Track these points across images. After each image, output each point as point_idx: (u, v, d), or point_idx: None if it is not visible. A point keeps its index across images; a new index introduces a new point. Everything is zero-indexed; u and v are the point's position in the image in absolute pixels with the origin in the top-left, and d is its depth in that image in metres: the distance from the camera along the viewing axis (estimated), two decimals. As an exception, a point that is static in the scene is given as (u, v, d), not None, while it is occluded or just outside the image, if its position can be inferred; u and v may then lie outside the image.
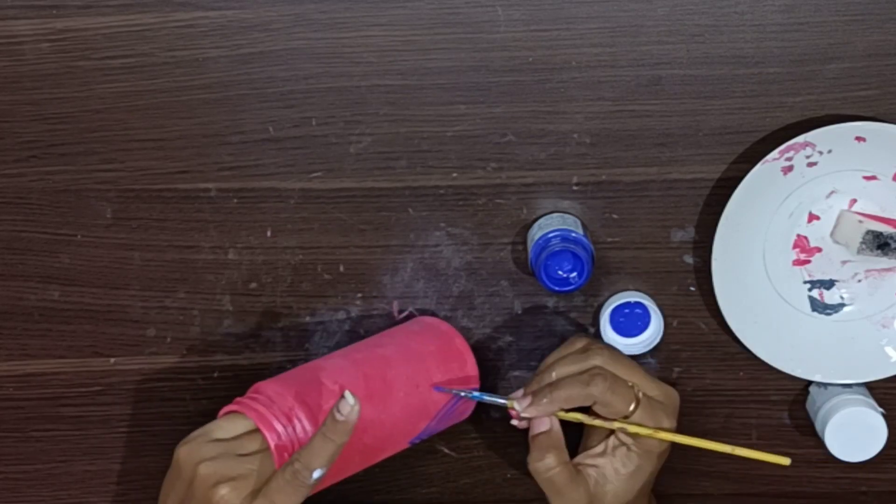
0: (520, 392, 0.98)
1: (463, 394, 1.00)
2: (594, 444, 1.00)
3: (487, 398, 1.00)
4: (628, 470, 0.98)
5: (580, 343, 1.01)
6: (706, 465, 1.12)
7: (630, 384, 0.97)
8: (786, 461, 0.96)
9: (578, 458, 1.01)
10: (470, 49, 1.01)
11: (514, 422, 0.99)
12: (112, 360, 1.09)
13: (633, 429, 0.96)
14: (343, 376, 0.96)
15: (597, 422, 0.97)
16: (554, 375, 0.98)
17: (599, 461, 0.99)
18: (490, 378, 1.09)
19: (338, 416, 0.88)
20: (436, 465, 1.12)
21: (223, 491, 0.90)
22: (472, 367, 1.02)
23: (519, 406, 0.97)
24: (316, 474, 0.89)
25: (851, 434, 1.04)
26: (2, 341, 1.09)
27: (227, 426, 0.94)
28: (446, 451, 1.12)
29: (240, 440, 0.93)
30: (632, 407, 0.96)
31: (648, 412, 0.97)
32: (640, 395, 0.97)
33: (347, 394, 0.88)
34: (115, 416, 1.11)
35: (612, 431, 0.99)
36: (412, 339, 1.01)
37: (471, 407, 1.03)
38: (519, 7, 1.00)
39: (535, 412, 0.96)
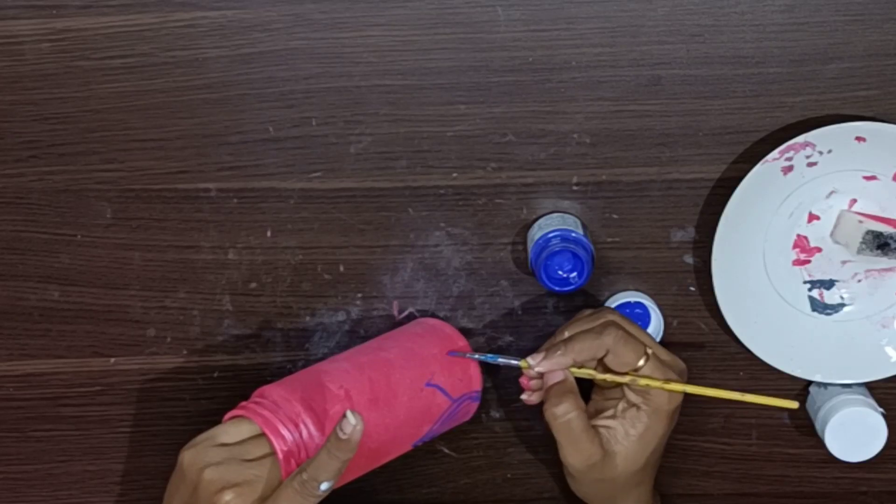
0: (533, 355, 0.98)
1: (477, 356, 1.01)
2: (604, 408, 1.00)
3: (502, 360, 1.00)
4: (638, 431, 0.98)
5: (589, 311, 1.02)
6: (706, 465, 1.12)
7: (640, 341, 0.98)
8: (794, 405, 0.97)
9: (596, 421, 1.00)
10: (470, 49, 1.01)
11: (525, 395, 0.99)
12: (112, 360, 1.09)
13: (643, 381, 0.97)
14: (348, 380, 0.96)
15: (608, 375, 0.97)
16: (566, 334, 0.98)
17: (610, 422, 0.99)
18: (490, 378, 1.09)
19: (341, 436, 0.88)
20: (436, 465, 1.12)
21: (228, 497, 0.90)
22: (474, 369, 1.02)
23: (533, 361, 0.97)
24: (324, 486, 0.89)
25: (851, 434, 1.04)
26: (2, 341, 1.09)
27: (232, 431, 0.93)
28: (446, 451, 1.12)
29: (245, 445, 0.92)
30: (642, 361, 0.97)
31: (658, 368, 0.97)
32: (650, 351, 0.97)
33: (349, 413, 0.88)
34: (115, 416, 1.11)
35: (622, 396, 0.99)
36: (415, 342, 1.01)
37: (473, 409, 1.03)
38: (519, 7, 1.00)
39: (549, 365, 0.97)
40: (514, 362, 0.99)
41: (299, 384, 0.96)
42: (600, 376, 0.98)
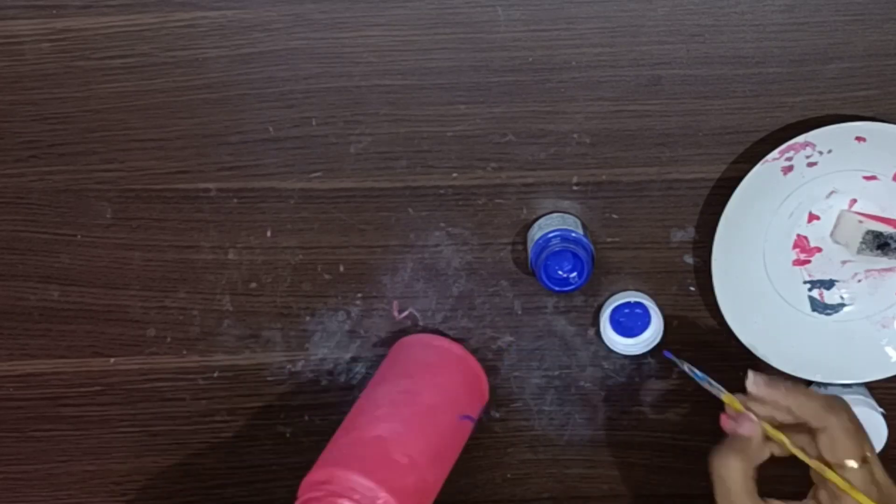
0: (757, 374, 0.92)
1: (686, 368, 0.98)
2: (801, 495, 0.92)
3: (708, 384, 0.95)
4: None
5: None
6: (706, 464, 1.12)
7: (864, 442, 0.90)
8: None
9: (770, 499, 0.92)
10: (470, 49, 1.01)
11: (724, 423, 0.93)
12: (112, 360, 1.09)
13: (840, 481, 0.88)
14: (408, 444, 0.96)
15: (800, 453, 0.90)
16: (783, 387, 0.92)
17: None
18: (490, 378, 1.09)
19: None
20: (436, 465, 1.12)
21: None
22: (484, 384, 1.03)
23: (752, 379, 0.92)
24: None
25: (851, 434, 1.04)
26: (2, 341, 1.09)
27: None
28: (446, 451, 1.12)
29: None
30: (854, 463, 0.88)
31: (869, 481, 0.88)
32: (869, 455, 0.89)
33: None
34: (115, 416, 1.11)
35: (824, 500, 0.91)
36: (440, 375, 1.02)
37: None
38: (519, 7, 1.00)
39: (765, 392, 0.91)
40: (719, 390, 0.94)
41: (367, 459, 0.94)
42: (791, 448, 0.90)
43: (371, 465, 0.94)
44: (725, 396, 0.94)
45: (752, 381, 0.92)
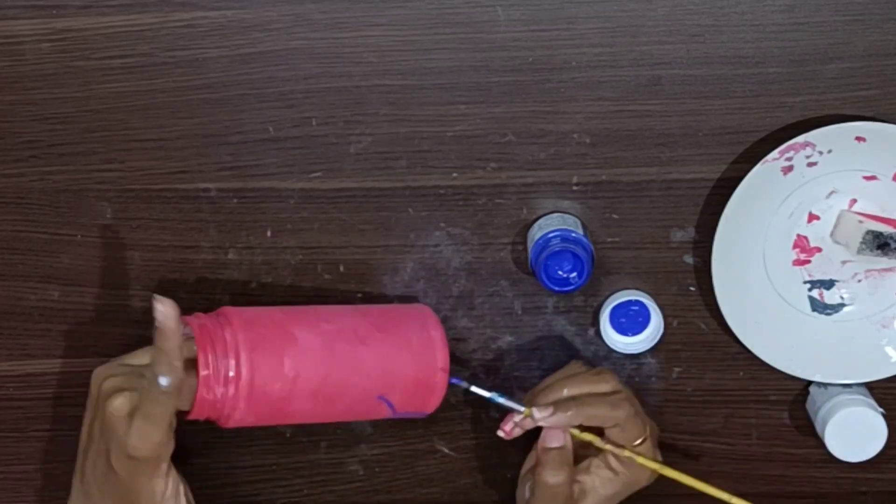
0: (541, 407, 0.97)
1: (473, 388, 0.99)
2: (577, 457, 1.00)
3: (503, 401, 0.98)
4: (607, 492, 1.00)
5: (582, 367, 1.02)
6: (706, 465, 1.12)
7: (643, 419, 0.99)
8: None
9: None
10: (470, 49, 1.01)
11: (502, 433, 0.99)
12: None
13: (641, 460, 0.98)
14: (306, 364, 0.93)
15: (608, 447, 0.98)
16: (566, 392, 0.98)
17: (583, 477, 1.00)
18: (490, 378, 1.09)
19: (157, 324, 0.88)
20: (436, 465, 1.12)
21: (117, 401, 0.90)
22: (436, 398, 0.98)
23: (539, 414, 0.96)
24: (163, 381, 0.88)
25: (851, 434, 1.04)
26: (2, 341, 1.09)
27: (141, 356, 0.94)
28: (446, 451, 1.12)
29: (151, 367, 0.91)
30: (641, 439, 0.98)
31: (651, 448, 1.00)
32: (649, 430, 0.99)
33: (154, 301, 0.88)
34: (115, 416, 1.11)
35: (597, 453, 1.00)
36: (399, 354, 0.97)
37: (418, 416, 1.01)
38: (519, 7, 1.00)
39: (556, 422, 0.96)
40: (517, 408, 0.98)
41: (265, 340, 0.93)
42: (604, 447, 0.98)
43: (262, 340, 0.93)
44: (526, 411, 0.97)
45: (539, 416, 0.96)
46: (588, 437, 0.98)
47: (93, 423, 0.94)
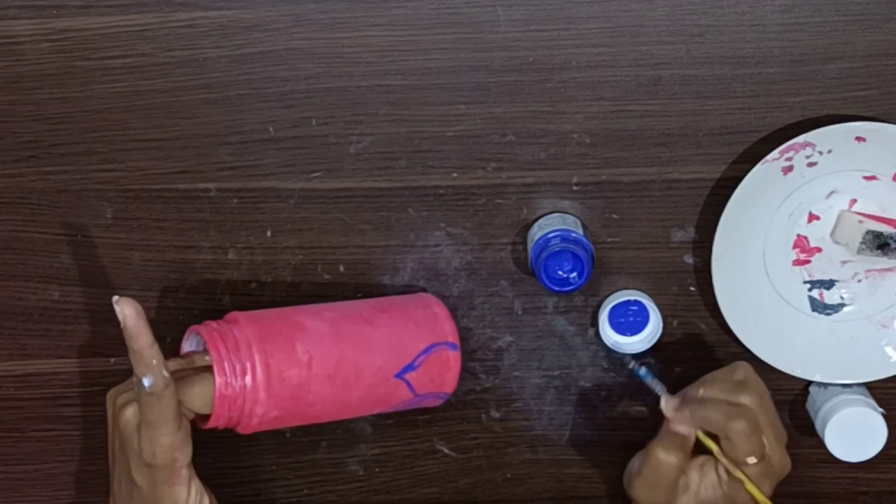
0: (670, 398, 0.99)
1: (631, 365, 1.02)
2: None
3: (650, 380, 1.01)
4: (706, 497, 0.99)
5: (740, 374, 0.99)
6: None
7: (763, 439, 0.97)
8: None
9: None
10: (470, 49, 1.01)
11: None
12: (112, 360, 1.09)
13: (749, 486, 0.97)
14: (318, 347, 0.95)
15: (724, 459, 0.97)
16: (701, 392, 0.98)
17: (692, 474, 0.99)
18: (490, 378, 1.09)
19: (122, 326, 0.88)
20: (436, 465, 1.12)
21: (127, 413, 0.91)
22: (453, 374, 1.00)
23: (664, 403, 0.98)
24: (146, 382, 0.88)
25: (851, 434, 1.05)
26: (2, 341, 1.09)
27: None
28: (446, 451, 1.12)
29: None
30: (753, 461, 0.96)
31: (765, 476, 0.98)
32: (767, 453, 0.97)
33: (115, 302, 0.88)
34: (115, 416, 1.11)
35: (707, 453, 0.99)
36: (407, 329, 0.99)
37: (438, 403, 1.02)
38: (519, 7, 1.00)
39: (674, 417, 0.97)
40: (657, 389, 1.00)
41: (273, 329, 0.95)
42: (720, 458, 0.97)
43: (271, 334, 0.95)
44: (663, 397, 0.99)
45: (663, 405, 0.98)
46: (709, 443, 0.97)
47: (113, 441, 0.95)
